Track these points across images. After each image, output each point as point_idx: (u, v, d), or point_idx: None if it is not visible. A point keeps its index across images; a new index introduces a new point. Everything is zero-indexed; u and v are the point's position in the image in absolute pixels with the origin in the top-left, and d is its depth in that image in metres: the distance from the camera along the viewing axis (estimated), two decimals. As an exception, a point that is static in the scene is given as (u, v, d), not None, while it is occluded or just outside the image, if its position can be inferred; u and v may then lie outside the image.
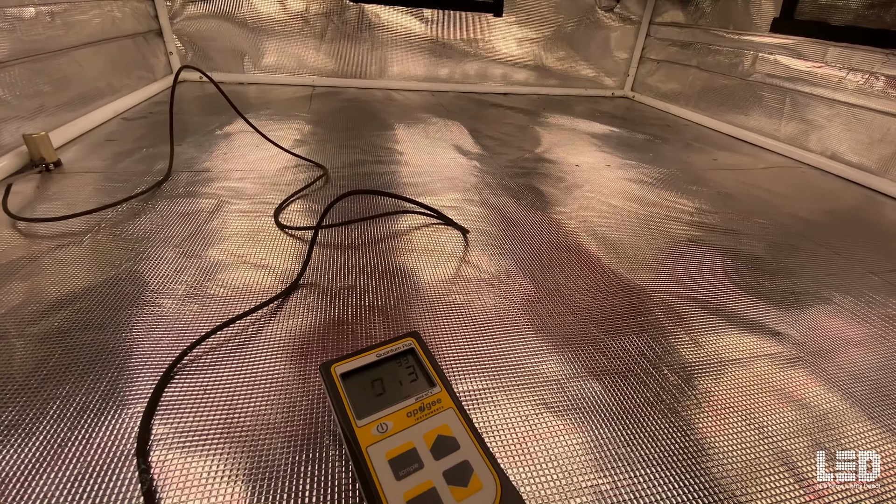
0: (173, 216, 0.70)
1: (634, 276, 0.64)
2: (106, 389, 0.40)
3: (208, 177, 0.85)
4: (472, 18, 1.77)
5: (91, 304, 0.50)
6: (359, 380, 0.37)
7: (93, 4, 1.15)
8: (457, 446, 0.33)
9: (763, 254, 0.74)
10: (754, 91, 1.46)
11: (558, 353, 0.48)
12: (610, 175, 1.04)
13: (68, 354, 0.43)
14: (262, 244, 0.64)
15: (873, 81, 1.15)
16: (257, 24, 1.61)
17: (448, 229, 0.73)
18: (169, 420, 0.37)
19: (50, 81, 0.99)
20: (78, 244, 0.61)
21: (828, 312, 0.60)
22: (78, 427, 0.36)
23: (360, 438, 0.32)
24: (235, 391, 0.41)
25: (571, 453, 0.38)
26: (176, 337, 0.46)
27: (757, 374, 0.48)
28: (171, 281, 0.55)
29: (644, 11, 1.90)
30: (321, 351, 0.46)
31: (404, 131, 1.25)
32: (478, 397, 0.42)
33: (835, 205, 1.00)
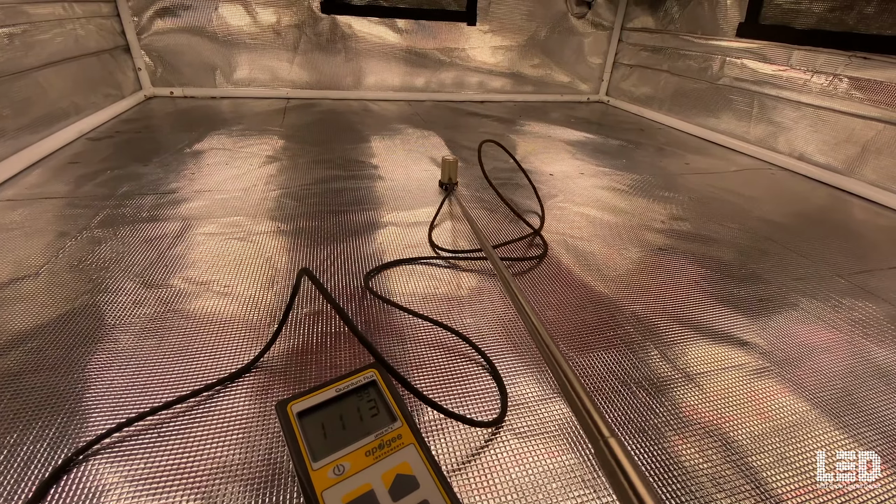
0: (136, 243, 0.68)
1: (606, 289, 0.64)
2: (54, 436, 0.38)
3: (174, 199, 0.83)
4: (446, 28, 1.77)
5: (43, 344, 0.48)
6: (316, 418, 0.36)
7: (53, 24, 1.12)
8: (416, 485, 0.32)
9: (733, 260, 0.75)
10: (723, 94, 1.49)
11: (527, 375, 0.48)
12: (584, 183, 1.05)
13: (16, 400, 0.41)
14: (227, 269, 0.63)
15: (837, 83, 1.17)
16: (228, 38, 1.59)
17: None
18: (119, 468, 0.36)
19: (10, 104, 0.96)
20: (33, 277, 0.59)
21: (795, 319, 0.61)
22: (25, 478, 0.35)
23: (315, 482, 0.31)
24: (190, 433, 0.39)
25: (536, 482, 0.37)
26: (129, 378, 0.44)
27: (724, 387, 0.48)
28: (129, 314, 0.53)
29: (616, 17, 1.92)
30: (282, 384, 0.45)
31: (380, 143, 1.25)
32: (442, 426, 0.41)
33: (803, 206, 1.02)
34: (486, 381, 0.47)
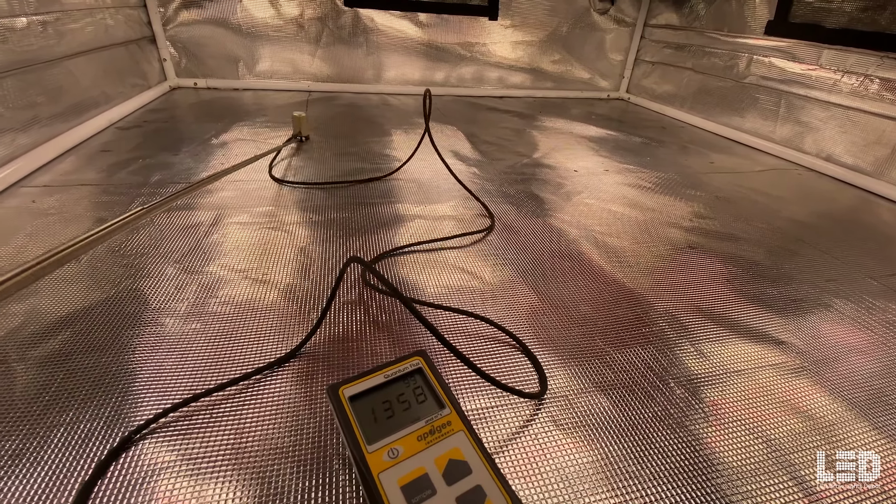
0: (172, 230, 0.69)
1: (637, 285, 0.64)
2: (110, 415, 0.39)
3: (206, 188, 0.84)
4: (468, 22, 1.77)
5: (91, 326, 0.49)
6: (367, 402, 0.36)
7: (84, 13, 1.14)
8: (469, 471, 0.32)
9: (763, 260, 0.74)
10: (749, 93, 1.47)
11: (565, 368, 0.48)
12: (608, 180, 1.04)
13: (70, 379, 0.42)
14: (263, 258, 0.64)
15: (868, 84, 1.16)
16: (252, 30, 1.60)
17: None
18: (175, 447, 0.37)
19: (43, 92, 0.98)
20: (76, 261, 0.60)
21: (829, 319, 0.61)
22: (84, 455, 0.36)
23: (372, 465, 0.32)
24: (242, 416, 0.40)
25: (582, 471, 0.38)
26: (178, 361, 0.46)
27: (763, 385, 0.48)
28: (172, 299, 0.54)
29: (638, 13, 1.91)
30: (326, 370, 0.46)
31: (401, 137, 1.25)
32: (486, 415, 0.42)
33: (831, 207, 1.01)
34: (518, 358, 0.47)
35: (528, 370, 0.47)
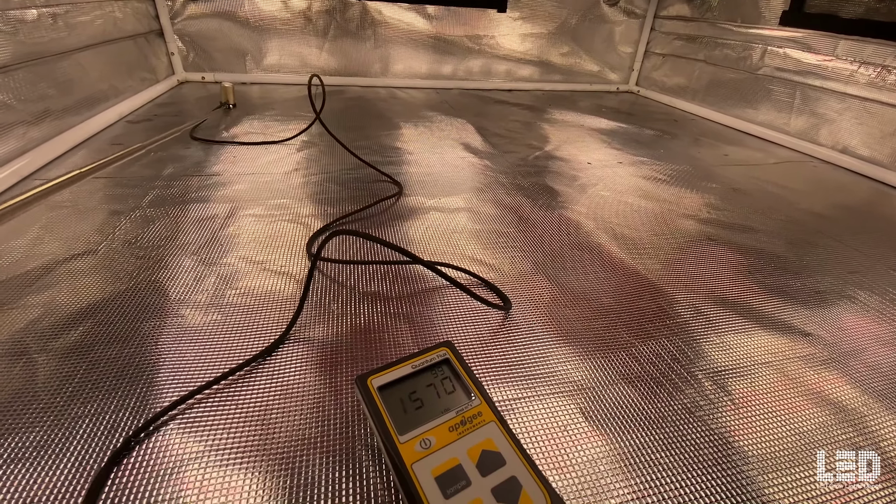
0: (187, 222, 0.69)
1: (658, 277, 0.63)
2: (135, 405, 0.39)
3: (219, 181, 0.83)
4: (476, 14, 1.75)
5: (112, 317, 0.49)
6: (396, 393, 0.36)
7: (94, 5, 1.13)
8: (503, 462, 0.32)
9: (783, 251, 0.73)
10: (763, 85, 1.45)
11: (591, 360, 0.47)
12: (622, 172, 1.03)
13: (93, 370, 0.42)
14: (280, 250, 0.63)
15: (885, 75, 1.14)
16: (259, 23, 1.59)
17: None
18: (203, 437, 0.37)
19: (54, 84, 0.97)
20: (93, 253, 0.60)
21: (854, 311, 0.60)
22: (110, 446, 0.35)
23: (405, 455, 0.31)
24: (268, 405, 0.40)
25: (613, 462, 0.37)
26: (200, 351, 0.45)
27: (791, 377, 0.47)
28: (191, 290, 0.54)
29: (649, 5, 1.88)
30: (349, 361, 0.45)
31: (411, 130, 1.24)
32: (513, 406, 0.41)
33: (848, 199, 1.00)
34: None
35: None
